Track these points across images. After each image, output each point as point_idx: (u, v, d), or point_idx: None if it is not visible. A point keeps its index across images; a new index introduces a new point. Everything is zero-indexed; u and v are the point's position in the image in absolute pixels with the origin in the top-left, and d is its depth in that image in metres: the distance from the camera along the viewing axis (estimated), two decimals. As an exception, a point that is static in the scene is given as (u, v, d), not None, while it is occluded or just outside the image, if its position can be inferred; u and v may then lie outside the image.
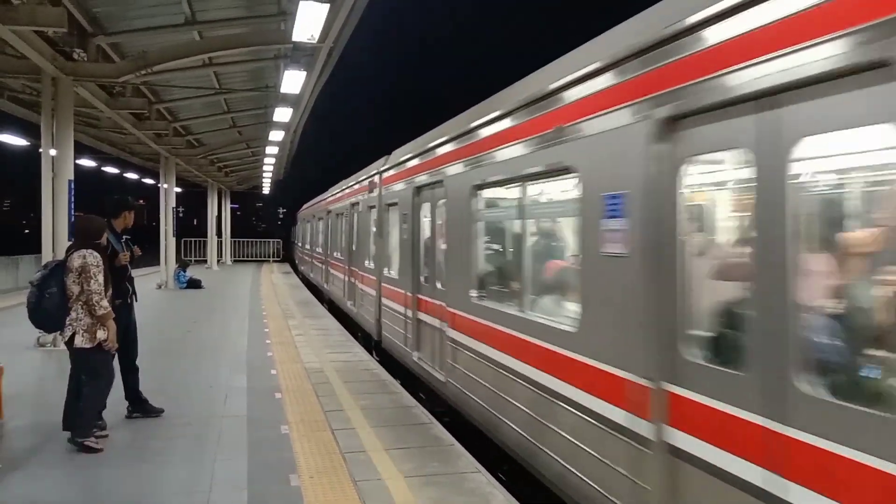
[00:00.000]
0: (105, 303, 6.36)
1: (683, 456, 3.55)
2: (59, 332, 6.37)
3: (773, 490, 2.98)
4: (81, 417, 6.38)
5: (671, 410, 3.65)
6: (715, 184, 4.00)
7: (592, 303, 4.58)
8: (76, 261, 6.33)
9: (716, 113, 3.37)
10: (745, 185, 3.27)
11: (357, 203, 15.11)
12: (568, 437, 4.79)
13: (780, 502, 2.94)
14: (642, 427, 3.85)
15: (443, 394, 8.10)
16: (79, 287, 6.30)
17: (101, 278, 6.35)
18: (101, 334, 6.35)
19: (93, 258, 6.36)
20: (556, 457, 4.97)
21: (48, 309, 6.26)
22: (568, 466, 4.77)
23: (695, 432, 3.48)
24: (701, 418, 3.43)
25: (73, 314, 6.30)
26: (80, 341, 6.29)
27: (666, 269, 3.69)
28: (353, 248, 15.63)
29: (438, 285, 8.52)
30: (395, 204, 11.09)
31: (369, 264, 13.39)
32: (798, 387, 2.87)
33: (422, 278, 9.44)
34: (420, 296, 9.41)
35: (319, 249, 24.37)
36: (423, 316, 9.23)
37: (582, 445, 4.58)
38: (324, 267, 22.64)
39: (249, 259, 43.04)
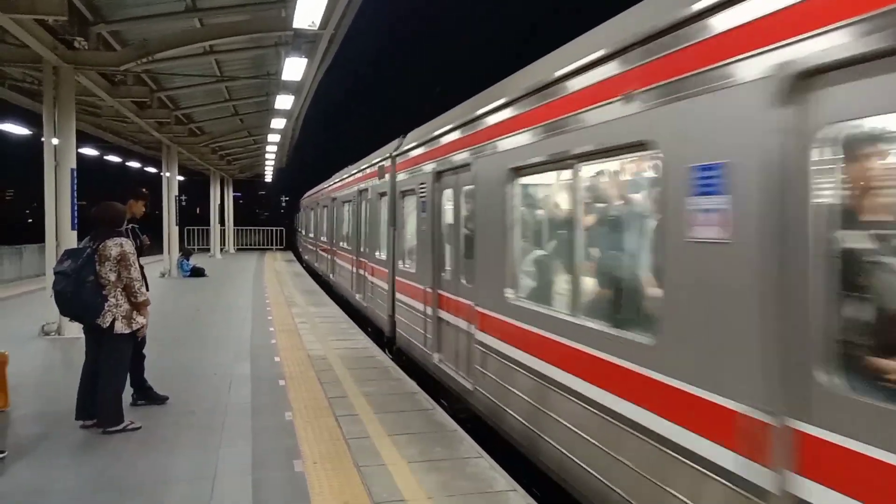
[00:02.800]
0: (144, 290, 6.65)
1: None
2: (95, 320, 6.37)
3: None
4: (110, 406, 6.46)
5: None
6: None
7: None
8: (113, 249, 6.44)
9: None
10: None
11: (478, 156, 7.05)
12: None
13: None
14: None
15: None
16: (115, 275, 6.44)
17: (138, 265, 6.63)
18: (141, 320, 6.60)
19: (129, 246, 6.59)
20: None
21: (87, 297, 6.31)
22: None
23: None
24: None
25: (113, 300, 6.42)
26: (119, 327, 6.43)
27: None
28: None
29: None
30: None
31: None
32: None
33: None
34: None
35: (347, 245, 17.04)
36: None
37: None
38: (356, 271, 15.10)
39: (252, 247, 43.08)
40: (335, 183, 20.39)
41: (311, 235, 28.89)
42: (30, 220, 76.60)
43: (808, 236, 2.91)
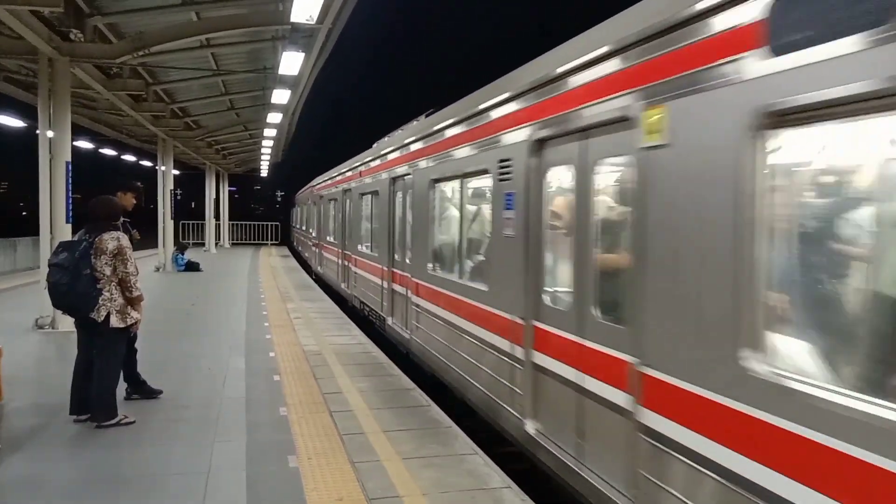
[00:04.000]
0: (139, 285, 6.58)
1: None
2: (90, 314, 6.31)
3: None
4: (104, 400, 6.43)
5: None
6: None
7: None
8: (110, 243, 6.41)
9: None
10: None
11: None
12: None
13: None
14: None
15: None
16: (111, 268, 6.39)
17: (134, 260, 6.57)
18: (135, 315, 6.55)
19: (125, 241, 6.56)
20: None
21: (83, 290, 6.27)
22: None
23: None
24: None
25: (107, 294, 6.37)
26: (114, 321, 6.38)
27: None
28: None
29: None
30: None
31: None
32: None
33: None
34: None
35: (457, 277, 8.01)
36: None
37: None
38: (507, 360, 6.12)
39: (247, 242, 43.00)
40: (402, 149, 10.86)
41: (332, 241, 18.99)
42: (24, 213, 76.33)
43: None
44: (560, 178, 5.50)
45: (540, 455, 5.47)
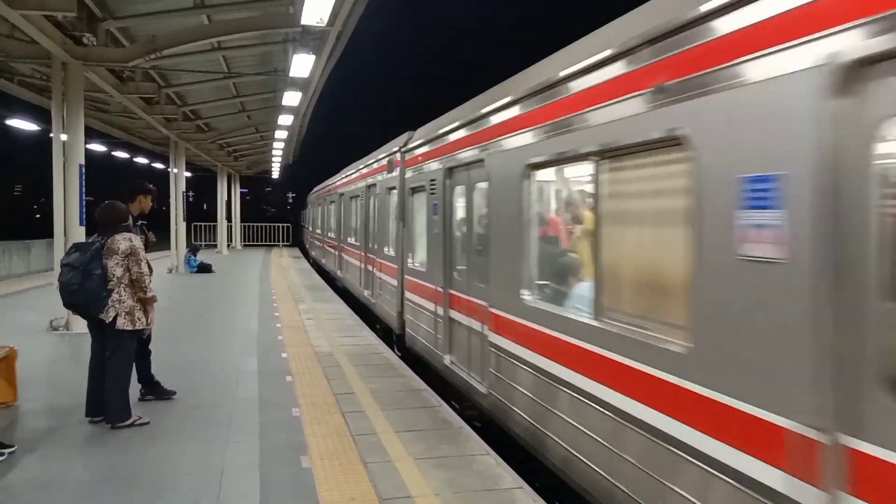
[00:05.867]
0: (152, 286, 6.61)
1: None
2: (99, 314, 6.35)
3: None
4: (117, 402, 6.46)
5: None
6: None
7: None
8: (122, 243, 6.43)
9: None
10: None
11: None
12: None
13: None
14: None
15: None
16: (122, 269, 6.41)
17: (147, 260, 6.61)
18: (144, 318, 6.55)
19: (138, 241, 6.59)
20: None
21: (92, 290, 6.30)
22: None
23: None
24: None
25: (116, 296, 6.38)
26: (122, 323, 6.39)
27: None
28: None
29: None
30: None
31: None
32: None
33: None
34: None
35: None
36: None
37: None
38: None
39: (259, 243, 43.18)
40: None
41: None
42: (38, 216, 76.97)
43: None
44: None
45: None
